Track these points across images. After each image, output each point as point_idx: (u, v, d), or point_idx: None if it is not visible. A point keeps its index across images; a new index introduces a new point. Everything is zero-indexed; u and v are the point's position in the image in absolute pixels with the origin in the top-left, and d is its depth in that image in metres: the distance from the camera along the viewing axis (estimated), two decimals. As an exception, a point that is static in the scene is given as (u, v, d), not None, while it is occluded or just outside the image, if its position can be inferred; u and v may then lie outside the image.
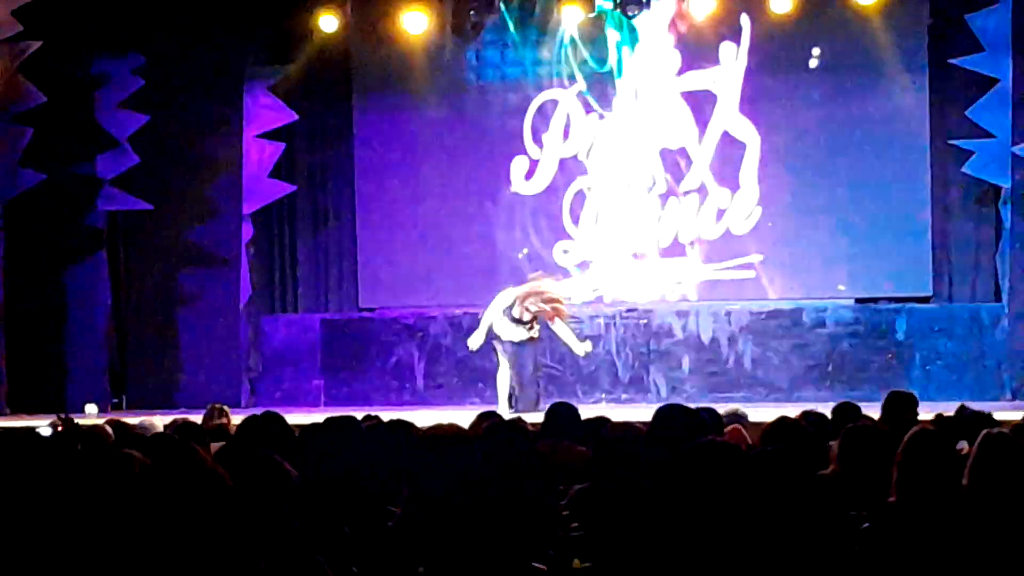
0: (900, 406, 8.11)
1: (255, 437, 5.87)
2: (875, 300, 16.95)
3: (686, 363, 17.03)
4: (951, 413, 8.27)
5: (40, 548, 4.17)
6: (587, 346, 15.32)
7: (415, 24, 17.18)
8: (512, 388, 14.74)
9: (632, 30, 17.24)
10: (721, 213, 17.18)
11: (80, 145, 16.97)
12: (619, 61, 17.36)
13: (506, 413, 13.00)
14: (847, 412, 7.92)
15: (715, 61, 17.16)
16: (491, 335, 14.75)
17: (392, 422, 6.89)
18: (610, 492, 4.92)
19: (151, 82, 16.95)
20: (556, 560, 4.23)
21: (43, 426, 9.02)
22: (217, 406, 9.94)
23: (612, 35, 17.31)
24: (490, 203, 17.71)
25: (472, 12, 17.24)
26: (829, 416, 8.02)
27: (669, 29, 17.18)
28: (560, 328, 15.04)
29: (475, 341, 14.98)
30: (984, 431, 4.94)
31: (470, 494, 4.08)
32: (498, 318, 14.78)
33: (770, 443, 6.30)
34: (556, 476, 5.02)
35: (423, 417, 8.92)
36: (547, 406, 7.96)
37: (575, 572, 4.27)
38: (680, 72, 17.27)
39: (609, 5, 17.03)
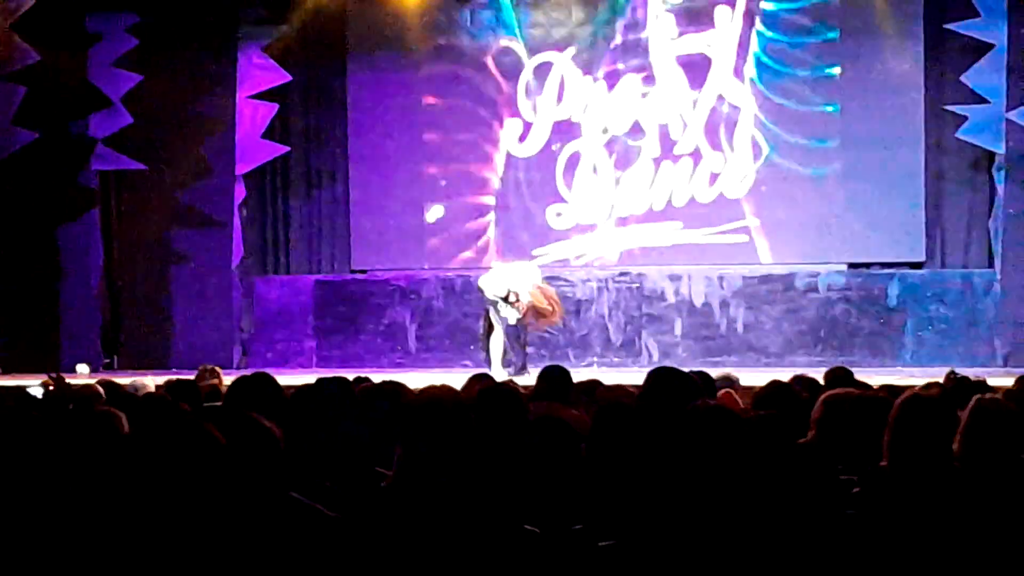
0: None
1: (245, 398, 5.85)
2: (867, 265, 16.95)
3: (678, 327, 17.03)
4: (941, 379, 8.27)
5: (29, 507, 4.17)
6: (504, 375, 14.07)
7: (410, -15, 17.13)
8: (505, 351, 14.69)
9: (627, -7, 17.21)
10: (715, 177, 17.16)
11: (73, 104, 16.91)
12: (614, 25, 17.31)
13: (499, 375, 13.00)
14: (839, 377, 7.88)
15: (710, 25, 17.12)
16: (487, 300, 14.67)
17: (384, 384, 6.88)
18: (606, 455, 4.92)
19: (144, 41, 16.88)
20: (549, 522, 4.22)
21: (34, 386, 9.01)
22: (208, 367, 9.91)
23: (607, -2, 17.29)
24: (483, 165, 17.67)
25: (467, -27, 17.19)
26: (821, 380, 7.99)
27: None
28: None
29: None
30: (976, 396, 4.93)
31: (463, 457, 4.07)
32: (494, 290, 14.65)
33: (762, 408, 6.30)
34: (551, 439, 5.01)
35: (415, 379, 8.94)
36: (536, 370, 7.94)
37: (569, 535, 4.27)
38: (675, 36, 17.22)
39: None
